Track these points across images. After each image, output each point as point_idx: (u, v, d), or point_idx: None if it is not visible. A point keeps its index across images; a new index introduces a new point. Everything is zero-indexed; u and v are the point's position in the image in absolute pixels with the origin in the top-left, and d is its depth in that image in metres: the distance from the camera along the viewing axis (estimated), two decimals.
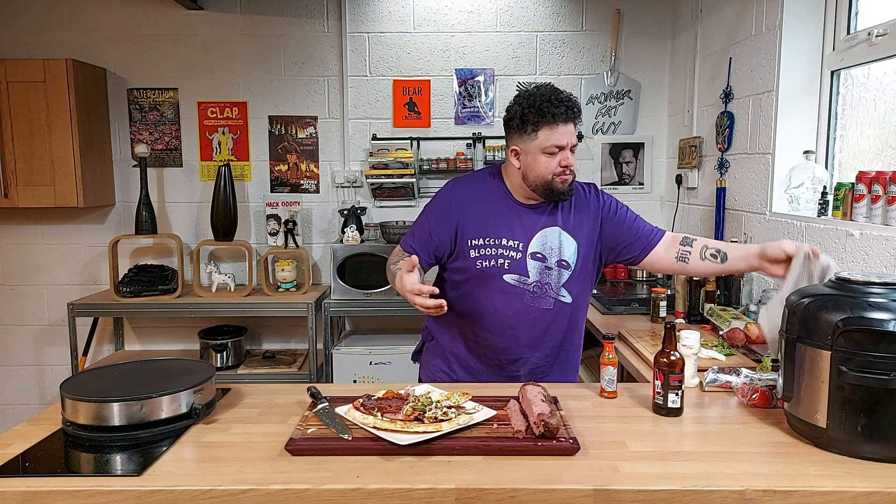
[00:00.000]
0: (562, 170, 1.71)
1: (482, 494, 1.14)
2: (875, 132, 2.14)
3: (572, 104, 1.71)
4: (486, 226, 1.77)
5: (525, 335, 1.79)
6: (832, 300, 1.27)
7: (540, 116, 1.68)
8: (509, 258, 1.75)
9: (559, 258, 1.76)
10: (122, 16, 3.39)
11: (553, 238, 1.77)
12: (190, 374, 1.48)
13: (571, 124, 1.71)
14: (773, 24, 2.38)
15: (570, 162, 1.71)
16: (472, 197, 1.81)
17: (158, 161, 3.49)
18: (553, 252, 1.76)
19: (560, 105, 1.68)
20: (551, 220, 1.78)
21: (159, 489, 1.15)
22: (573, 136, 1.72)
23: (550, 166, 1.70)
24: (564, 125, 1.69)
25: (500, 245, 1.76)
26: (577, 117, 1.73)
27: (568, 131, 1.70)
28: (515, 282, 1.76)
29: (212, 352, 3.22)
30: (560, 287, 1.78)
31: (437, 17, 3.44)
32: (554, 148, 1.69)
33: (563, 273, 1.77)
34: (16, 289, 3.55)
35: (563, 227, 1.79)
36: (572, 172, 1.73)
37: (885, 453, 1.22)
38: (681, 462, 1.23)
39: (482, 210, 1.79)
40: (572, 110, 1.70)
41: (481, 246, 1.76)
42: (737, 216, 2.68)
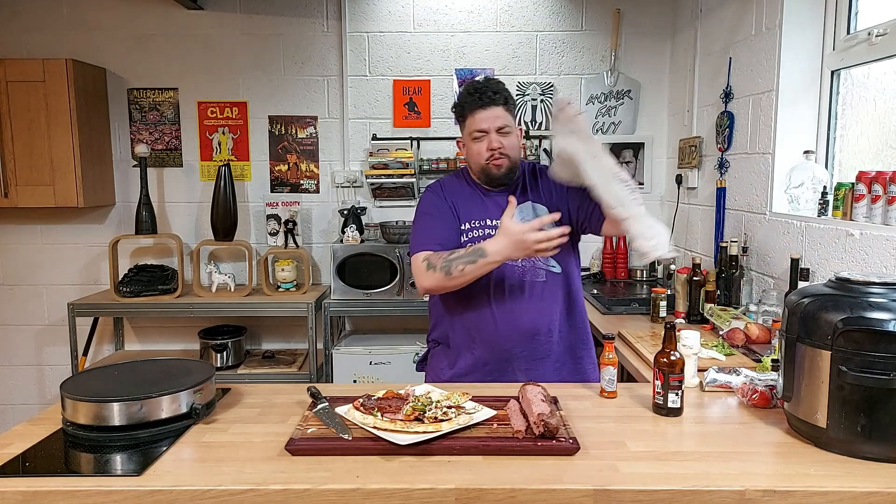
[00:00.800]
0: (490, 153, 1.77)
1: (482, 494, 1.14)
2: (875, 132, 2.14)
3: (488, 89, 1.77)
4: (472, 210, 1.86)
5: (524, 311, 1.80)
6: (832, 300, 1.27)
7: (461, 107, 1.81)
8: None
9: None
10: (122, 15, 3.39)
11: (527, 212, 1.82)
12: (190, 374, 1.48)
13: (495, 108, 1.77)
14: (773, 23, 2.38)
15: (496, 145, 1.77)
16: (457, 189, 1.91)
17: (158, 161, 3.49)
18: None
19: (475, 92, 1.77)
20: (522, 198, 1.85)
21: (159, 489, 1.15)
22: (498, 119, 1.77)
23: (481, 151, 1.79)
24: (484, 110, 1.76)
25: (486, 226, 1.83)
26: (497, 102, 1.77)
27: (489, 116, 1.76)
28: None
29: (212, 352, 3.22)
30: (548, 258, 1.82)
31: (437, 17, 3.44)
32: (478, 133, 1.78)
33: None
34: (15, 289, 3.55)
35: (534, 199, 1.86)
36: (505, 156, 1.78)
37: (885, 453, 1.22)
38: (681, 462, 1.23)
39: (466, 199, 1.88)
40: (487, 94, 1.76)
41: (469, 230, 1.84)
42: (737, 216, 2.68)
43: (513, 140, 1.81)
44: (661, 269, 3.39)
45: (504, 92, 1.80)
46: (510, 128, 1.80)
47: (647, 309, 2.62)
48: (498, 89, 1.79)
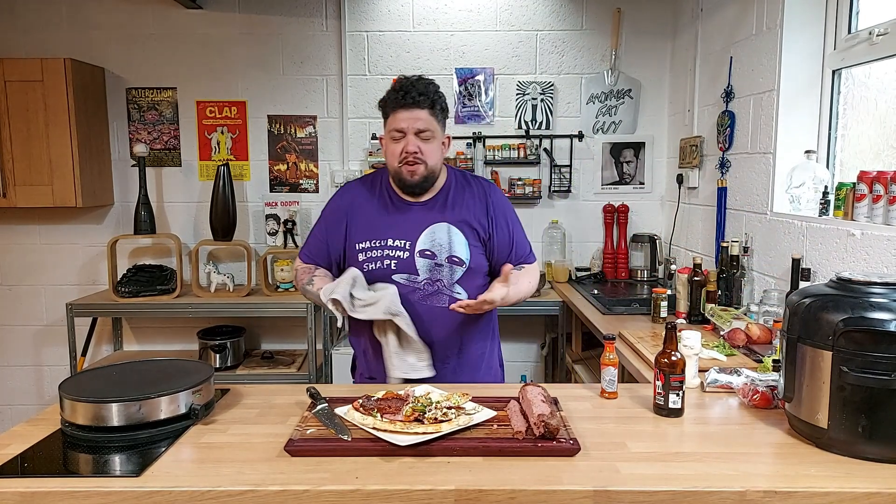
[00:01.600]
0: (404, 156, 1.68)
1: (482, 495, 1.14)
2: (876, 132, 2.13)
3: (414, 89, 1.67)
4: (372, 227, 1.76)
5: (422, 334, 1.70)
6: (833, 300, 1.27)
7: (385, 104, 1.72)
8: (396, 258, 1.72)
9: (450, 254, 1.73)
10: (121, 15, 3.38)
11: (442, 234, 1.74)
12: (189, 375, 1.48)
13: (416, 110, 1.67)
14: (773, 23, 2.37)
15: (412, 148, 1.67)
16: (361, 200, 1.81)
17: (157, 161, 3.48)
18: (443, 248, 1.73)
19: (400, 90, 1.68)
20: (440, 216, 1.76)
21: (158, 490, 1.14)
22: (419, 122, 1.67)
23: (395, 152, 1.70)
24: (406, 110, 1.67)
25: (385, 246, 1.74)
26: (421, 105, 1.67)
27: (409, 117, 1.67)
28: (405, 281, 1.72)
29: (210, 352, 3.22)
30: (454, 284, 1.74)
31: (436, 16, 3.44)
32: (395, 133, 1.69)
33: (455, 269, 1.73)
34: (14, 289, 3.54)
35: (452, 222, 1.76)
36: (421, 161, 1.69)
37: (886, 454, 1.22)
38: (681, 463, 1.23)
39: (370, 212, 1.78)
40: (411, 95, 1.67)
41: (367, 249, 1.75)
42: (738, 216, 2.67)
43: (433, 147, 1.71)
44: (661, 269, 3.39)
45: (433, 95, 1.70)
46: (431, 133, 1.70)
47: (647, 309, 2.62)
48: (426, 91, 1.69)
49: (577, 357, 3.23)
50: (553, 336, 3.43)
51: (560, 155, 3.52)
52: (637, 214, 3.57)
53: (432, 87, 1.72)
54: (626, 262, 3.47)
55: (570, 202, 3.58)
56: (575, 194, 3.57)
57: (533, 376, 3.65)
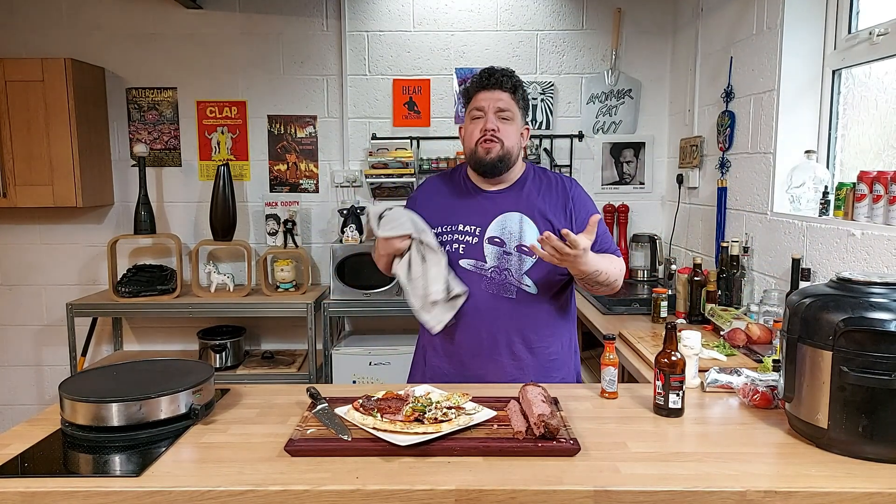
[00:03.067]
0: (481, 134, 1.70)
1: (482, 496, 1.14)
2: (876, 132, 2.13)
3: (498, 73, 1.74)
4: (444, 214, 1.78)
5: (486, 325, 1.70)
6: (833, 300, 1.27)
7: (468, 89, 1.78)
8: (465, 242, 1.72)
9: (519, 243, 1.71)
10: (121, 15, 3.38)
11: (513, 223, 1.73)
12: (189, 375, 1.48)
13: (498, 91, 1.72)
14: (774, 23, 2.37)
15: (491, 126, 1.70)
16: (435, 191, 1.86)
17: (157, 161, 3.48)
18: (513, 237, 1.71)
19: (484, 73, 1.75)
20: (513, 205, 1.75)
21: (158, 490, 1.14)
22: (500, 102, 1.72)
23: (475, 133, 1.72)
24: (487, 91, 1.73)
25: (455, 230, 1.75)
26: (503, 86, 1.73)
27: (491, 97, 1.72)
28: (472, 267, 1.71)
29: (211, 352, 3.22)
30: (522, 274, 1.70)
31: (436, 16, 3.44)
32: (476, 112, 1.73)
33: (524, 259, 1.70)
34: (14, 289, 3.54)
35: (525, 212, 1.74)
36: (497, 140, 1.70)
37: (886, 454, 1.22)
38: (682, 463, 1.23)
39: (444, 201, 1.82)
40: (495, 76, 1.73)
41: (438, 234, 1.76)
42: (738, 216, 2.67)
43: (511, 129, 1.72)
44: (661, 269, 3.39)
45: (514, 79, 1.75)
46: (512, 114, 1.72)
47: (647, 309, 2.62)
48: (509, 74, 1.74)
49: None
50: None
51: (560, 155, 3.52)
52: (637, 214, 3.57)
53: (516, 75, 1.77)
54: (626, 262, 3.47)
55: None
56: None
57: None
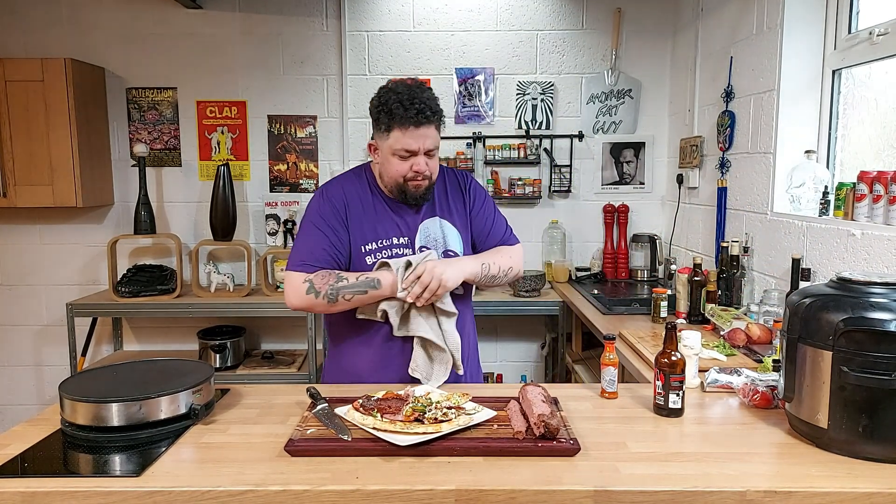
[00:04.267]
0: (413, 174, 1.63)
1: (482, 496, 1.14)
2: (876, 132, 2.13)
3: (427, 107, 1.59)
4: (374, 228, 1.69)
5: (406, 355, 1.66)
6: (833, 300, 1.27)
7: (390, 118, 1.59)
8: (402, 255, 1.68)
9: (445, 248, 1.72)
10: (121, 15, 3.38)
11: (434, 228, 1.73)
12: (189, 375, 1.48)
13: (428, 127, 1.60)
14: (774, 23, 2.37)
15: (423, 169, 1.62)
16: (356, 201, 1.71)
17: (157, 161, 3.48)
18: (438, 242, 1.72)
19: (411, 108, 1.57)
20: (430, 211, 1.74)
21: (158, 490, 1.14)
22: (429, 139, 1.62)
23: (401, 170, 1.63)
24: (417, 129, 1.59)
25: (391, 245, 1.69)
26: (434, 121, 1.62)
27: (421, 135, 1.60)
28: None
29: (211, 352, 3.22)
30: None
31: (436, 16, 3.43)
32: (404, 152, 1.61)
33: None
34: (14, 289, 3.54)
35: (442, 215, 1.75)
36: (427, 178, 1.65)
37: (886, 454, 1.22)
38: (682, 463, 1.23)
39: (366, 212, 1.71)
40: (424, 114, 1.58)
41: (375, 250, 1.68)
42: (738, 216, 2.67)
43: (435, 161, 1.68)
44: (661, 269, 3.39)
45: (439, 110, 1.63)
46: (436, 149, 1.67)
47: (647, 309, 2.62)
48: (433, 107, 1.61)
49: (577, 357, 3.23)
50: (553, 336, 3.43)
51: (560, 155, 3.52)
52: (637, 214, 3.57)
53: (434, 98, 1.64)
54: (626, 262, 3.47)
55: (570, 202, 3.58)
56: (575, 194, 3.57)
57: (533, 376, 3.65)
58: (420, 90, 1.62)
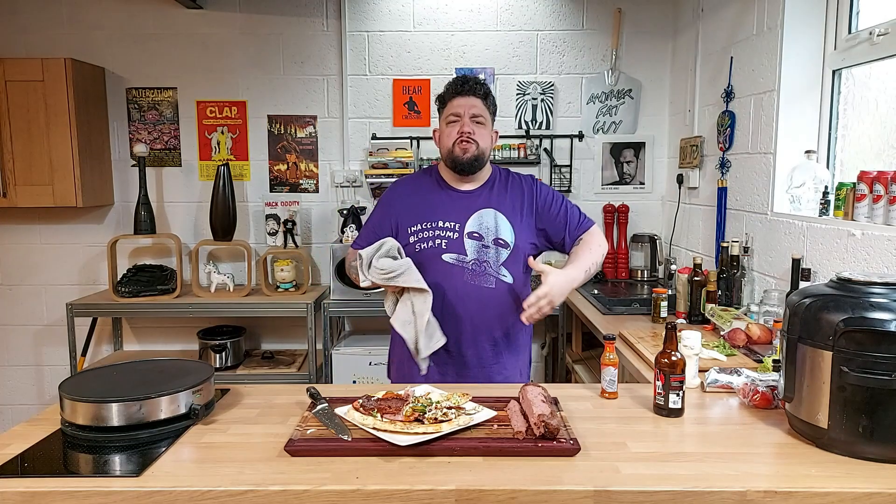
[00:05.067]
0: (458, 136, 1.83)
1: (482, 495, 1.14)
2: (877, 132, 2.13)
3: (471, 81, 1.87)
4: (423, 212, 1.89)
5: (469, 314, 1.84)
6: (833, 300, 1.27)
7: (444, 95, 1.91)
8: (446, 238, 1.85)
9: (496, 237, 1.86)
10: (121, 15, 3.38)
11: (489, 218, 1.87)
12: (189, 375, 1.48)
13: (472, 98, 1.86)
14: (774, 23, 2.37)
15: (467, 129, 1.83)
16: (411, 191, 1.96)
17: (157, 161, 3.48)
18: (489, 231, 1.86)
19: (459, 80, 1.88)
20: (486, 202, 1.90)
21: (158, 490, 1.14)
22: (474, 108, 1.86)
23: (451, 134, 1.85)
24: (462, 98, 1.86)
25: (436, 227, 1.86)
26: (477, 93, 1.87)
27: (466, 103, 1.86)
28: (454, 260, 1.84)
29: (211, 352, 3.22)
30: (500, 266, 1.85)
31: (437, 16, 3.43)
32: (452, 117, 1.86)
33: (501, 252, 1.86)
34: (14, 289, 3.54)
35: (498, 208, 1.89)
36: (473, 142, 1.84)
37: (886, 454, 1.22)
38: (682, 463, 1.23)
39: (420, 200, 1.92)
40: (468, 84, 1.86)
41: (419, 231, 1.87)
42: (738, 216, 2.67)
43: (484, 132, 1.87)
44: (661, 269, 3.39)
45: (486, 87, 1.89)
46: (484, 119, 1.87)
47: (647, 309, 2.62)
48: (480, 83, 1.88)
49: (577, 357, 3.23)
50: (553, 336, 3.43)
51: (560, 155, 3.52)
52: (637, 214, 3.57)
53: (483, 83, 1.90)
54: (626, 262, 3.47)
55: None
56: (575, 194, 3.57)
57: (533, 376, 3.65)
58: (471, 77, 1.91)
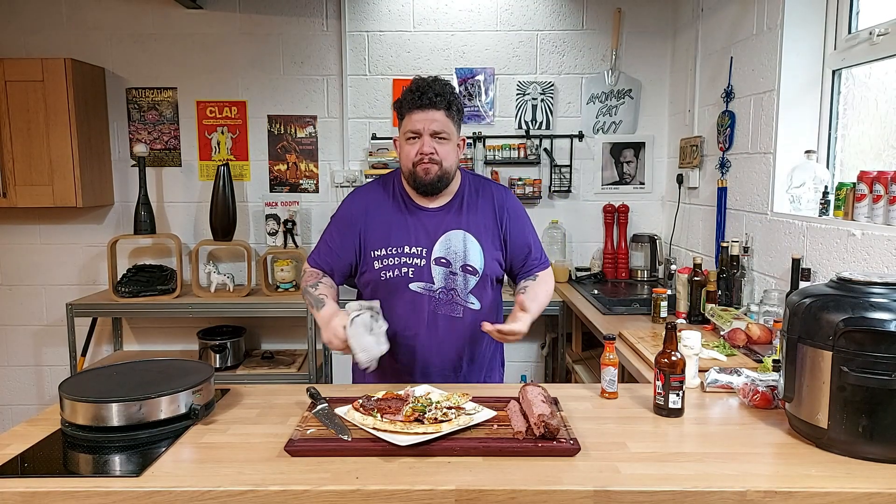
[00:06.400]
0: (419, 157, 1.66)
1: (482, 496, 1.14)
2: (877, 132, 2.13)
3: (433, 91, 1.65)
4: (388, 234, 1.74)
5: (436, 345, 1.74)
6: (833, 300, 1.27)
7: (402, 104, 1.69)
8: (413, 266, 1.71)
9: (464, 262, 1.73)
10: (121, 15, 3.38)
11: (457, 241, 1.73)
12: (189, 375, 1.48)
13: (434, 111, 1.65)
14: (774, 23, 2.37)
15: (427, 149, 1.65)
16: (374, 205, 1.78)
17: (157, 161, 3.48)
18: (458, 257, 1.73)
19: (416, 91, 1.66)
20: (455, 222, 1.74)
21: (158, 490, 1.14)
22: (435, 123, 1.66)
23: (410, 154, 1.68)
24: (422, 112, 1.65)
25: (402, 253, 1.72)
26: (437, 106, 1.65)
27: (426, 118, 1.65)
28: (421, 290, 1.72)
29: (211, 352, 3.22)
30: (468, 294, 1.74)
31: (436, 16, 3.43)
32: (411, 134, 1.67)
33: (469, 279, 1.74)
34: (14, 289, 3.54)
35: (468, 228, 1.74)
36: (436, 163, 1.67)
37: (886, 454, 1.22)
38: (682, 463, 1.23)
39: (383, 218, 1.75)
40: (427, 96, 1.64)
41: (384, 256, 1.72)
42: (738, 216, 2.67)
43: (448, 149, 1.68)
44: (661, 269, 3.39)
45: (448, 96, 1.67)
46: (447, 135, 1.68)
47: (647, 309, 2.62)
48: (441, 92, 1.66)
49: (577, 357, 3.23)
50: (553, 336, 3.43)
51: (560, 155, 3.52)
52: (637, 214, 3.57)
53: (448, 87, 1.69)
54: (626, 262, 3.47)
55: (570, 202, 3.58)
56: (575, 194, 3.57)
57: (533, 376, 3.65)
58: (433, 81, 1.69)
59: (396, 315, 1.72)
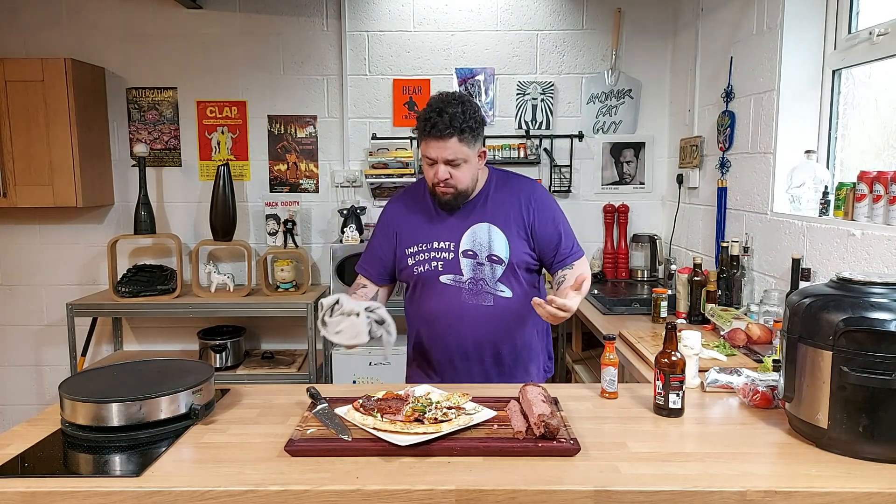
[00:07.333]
0: (435, 182, 1.75)
1: (482, 496, 1.14)
2: (877, 132, 2.13)
3: (443, 123, 1.65)
4: (418, 232, 1.85)
5: (469, 333, 1.82)
6: (833, 300, 1.27)
7: (419, 127, 1.74)
8: (442, 259, 1.81)
9: (489, 253, 1.81)
10: (121, 15, 3.38)
11: (482, 233, 1.81)
12: (189, 375, 1.48)
13: (447, 140, 1.67)
14: (774, 23, 2.37)
15: (442, 177, 1.71)
16: (406, 209, 1.90)
17: (157, 161, 3.48)
18: (483, 248, 1.81)
19: (429, 120, 1.67)
20: (480, 216, 1.83)
21: (158, 490, 1.14)
22: (447, 151, 1.69)
23: (429, 175, 1.77)
24: (436, 141, 1.68)
25: (432, 248, 1.83)
26: (452, 135, 1.67)
27: (439, 146, 1.69)
28: (451, 281, 1.82)
29: (211, 352, 3.22)
30: (496, 282, 1.81)
31: (437, 16, 3.43)
32: (427, 160, 1.75)
33: (496, 268, 1.81)
34: (14, 289, 3.54)
35: (492, 220, 1.82)
36: (451, 187, 1.74)
37: (886, 454, 1.22)
38: (682, 463, 1.23)
39: (415, 219, 1.87)
40: (438, 128, 1.66)
41: (415, 253, 1.84)
42: (738, 216, 2.67)
43: (463, 171, 1.73)
44: (661, 269, 3.39)
45: (461, 124, 1.66)
46: (462, 159, 1.71)
47: (648, 309, 2.62)
48: (452, 122, 1.66)
49: (577, 357, 3.23)
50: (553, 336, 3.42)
51: (560, 155, 3.52)
52: (637, 214, 3.57)
53: (460, 112, 1.67)
54: (626, 262, 3.47)
55: (570, 202, 3.58)
56: (575, 194, 3.57)
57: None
58: (448, 104, 1.68)
59: (431, 307, 1.83)
